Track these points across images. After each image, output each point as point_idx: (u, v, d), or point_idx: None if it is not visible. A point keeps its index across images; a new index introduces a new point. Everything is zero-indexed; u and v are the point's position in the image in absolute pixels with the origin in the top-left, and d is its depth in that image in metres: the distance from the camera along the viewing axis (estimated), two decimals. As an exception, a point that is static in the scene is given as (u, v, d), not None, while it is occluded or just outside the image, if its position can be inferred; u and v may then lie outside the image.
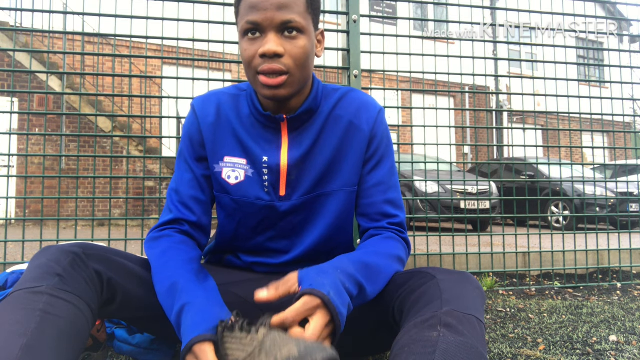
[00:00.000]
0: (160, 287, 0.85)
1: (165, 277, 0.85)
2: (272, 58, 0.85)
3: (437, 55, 2.42)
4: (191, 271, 0.86)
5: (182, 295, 0.80)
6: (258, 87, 0.89)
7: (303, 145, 0.97)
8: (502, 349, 1.30)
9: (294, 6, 0.85)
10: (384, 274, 0.88)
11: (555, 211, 6.46)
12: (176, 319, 0.78)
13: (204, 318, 0.74)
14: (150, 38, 2.10)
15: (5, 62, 6.72)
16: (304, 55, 0.87)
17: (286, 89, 0.88)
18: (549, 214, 6.17)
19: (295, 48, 0.86)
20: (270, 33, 0.85)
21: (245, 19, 0.86)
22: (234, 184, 0.98)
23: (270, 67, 0.85)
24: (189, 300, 0.78)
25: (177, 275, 0.84)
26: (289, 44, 0.86)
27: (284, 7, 0.84)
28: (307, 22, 0.88)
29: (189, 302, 0.78)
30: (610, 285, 2.38)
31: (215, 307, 0.78)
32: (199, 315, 0.75)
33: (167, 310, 0.82)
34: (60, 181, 2.15)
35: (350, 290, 0.78)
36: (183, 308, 0.78)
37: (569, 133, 2.91)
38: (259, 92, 0.91)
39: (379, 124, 1.01)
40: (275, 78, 0.86)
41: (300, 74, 0.89)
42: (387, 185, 1.01)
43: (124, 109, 7.31)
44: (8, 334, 0.64)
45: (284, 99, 0.91)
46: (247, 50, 0.87)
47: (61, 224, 3.05)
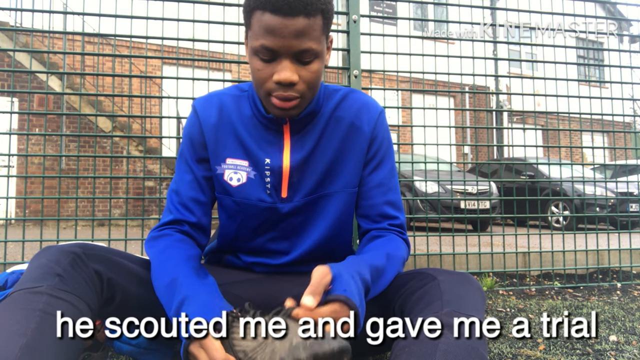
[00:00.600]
0: (159, 283, 0.84)
1: (165, 273, 0.84)
2: (286, 86, 0.84)
3: (437, 55, 2.42)
4: (191, 268, 0.86)
5: (182, 289, 0.79)
6: (269, 105, 0.89)
7: (305, 148, 0.97)
8: (502, 349, 1.30)
9: (312, 32, 0.82)
10: (389, 277, 0.89)
11: (555, 211, 6.46)
12: (175, 313, 0.77)
13: (207, 307, 0.74)
14: (150, 38, 2.10)
15: (5, 62, 6.72)
16: (317, 78, 0.87)
17: (296, 110, 0.89)
18: (549, 214, 6.17)
19: (309, 73, 0.85)
20: (285, 60, 0.83)
21: (261, 41, 0.82)
22: (235, 185, 0.98)
23: (284, 95, 0.85)
24: (189, 293, 0.78)
25: (177, 271, 0.84)
26: (303, 69, 0.85)
27: (301, 34, 0.81)
28: (322, 45, 0.86)
29: (190, 296, 0.77)
30: (610, 285, 2.38)
31: (216, 299, 0.78)
32: (201, 306, 0.74)
33: (165, 305, 0.81)
34: (60, 181, 2.15)
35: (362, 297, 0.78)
36: (183, 302, 0.77)
37: (569, 133, 2.91)
38: (269, 110, 0.91)
39: (380, 125, 1.01)
40: (288, 102, 0.86)
41: (311, 94, 0.89)
42: (388, 187, 1.01)
43: (124, 109, 7.30)
44: (8, 334, 0.64)
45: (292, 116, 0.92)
46: (260, 71, 0.85)
47: (61, 224, 3.04)
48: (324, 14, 0.83)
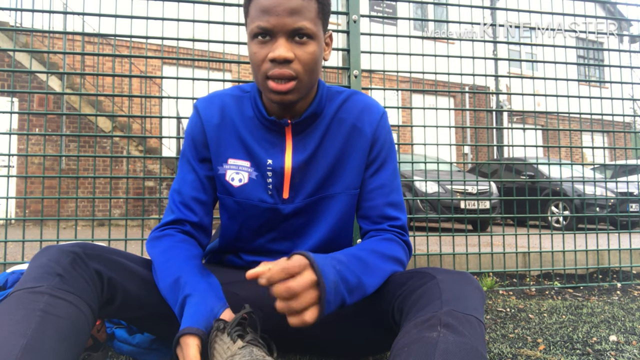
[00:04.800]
0: (164, 284, 0.86)
1: (169, 273, 0.86)
2: (281, 63, 0.84)
3: (437, 55, 2.42)
4: (194, 266, 0.88)
5: (186, 287, 0.82)
6: (266, 91, 0.89)
7: (307, 149, 0.97)
8: (502, 349, 1.30)
9: (306, 12, 0.84)
10: (380, 269, 0.88)
11: (555, 211, 6.46)
12: (179, 312, 0.81)
13: (197, 311, 0.77)
14: (150, 38, 2.10)
15: (5, 62, 6.72)
16: (313, 60, 0.87)
17: (294, 95, 0.88)
18: (549, 214, 6.17)
19: (305, 54, 0.86)
20: (280, 38, 0.84)
21: (256, 22, 0.84)
22: (237, 186, 0.98)
23: (280, 72, 0.85)
24: (190, 291, 0.81)
25: (181, 270, 0.86)
26: (299, 49, 0.85)
27: (295, 12, 0.83)
28: (318, 28, 0.87)
29: (190, 294, 0.81)
30: (610, 285, 2.38)
31: (211, 300, 0.80)
32: (194, 308, 0.78)
33: (172, 304, 0.84)
34: (60, 181, 2.15)
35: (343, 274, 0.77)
36: (185, 300, 0.81)
37: (569, 133, 2.91)
38: (267, 96, 0.91)
39: (382, 127, 1.02)
40: (284, 84, 0.86)
41: (309, 79, 0.89)
42: (390, 188, 1.01)
43: (124, 109, 7.31)
44: (8, 334, 0.64)
45: (291, 104, 0.91)
46: (256, 53, 0.87)
47: (61, 224, 3.04)
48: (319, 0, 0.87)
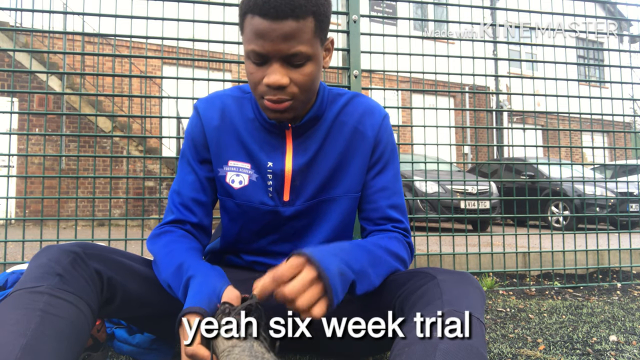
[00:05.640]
0: (167, 272, 0.86)
1: (172, 262, 0.86)
2: (276, 89, 0.83)
3: (437, 55, 2.42)
4: (196, 255, 0.89)
5: (189, 270, 0.82)
6: (262, 108, 0.89)
7: (308, 152, 0.97)
8: (502, 349, 1.30)
9: (302, 34, 0.80)
10: (384, 261, 0.87)
11: (555, 211, 6.46)
12: (183, 294, 0.81)
13: (200, 291, 0.77)
14: (150, 38, 2.10)
15: (5, 62, 6.72)
16: (310, 81, 0.86)
17: (290, 113, 0.88)
18: (549, 214, 6.16)
19: (301, 76, 0.84)
20: (275, 63, 0.82)
21: (251, 46, 0.82)
22: (237, 188, 0.98)
23: (274, 99, 0.84)
24: (193, 273, 0.81)
25: (183, 257, 0.86)
26: (294, 72, 0.84)
27: (290, 37, 0.79)
28: (315, 47, 0.84)
29: (193, 275, 0.80)
30: (610, 285, 2.38)
31: (213, 279, 0.79)
32: (197, 288, 0.77)
33: (176, 289, 0.84)
34: (60, 181, 2.15)
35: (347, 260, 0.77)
36: (188, 282, 0.80)
37: (569, 133, 2.91)
38: (264, 112, 0.92)
39: (384, 130, 1.01)
40: (280, 104, 0.85)
41: (305, 97, 0.88)
42: (392, 191, 1.01)
43: (124, 109, 7.30)
44: (8, 334, 0.64)
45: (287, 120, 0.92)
46: (252, 74, 0.86)
47: (61, 224, 3.03)
48: (317, 16, 0.82)
